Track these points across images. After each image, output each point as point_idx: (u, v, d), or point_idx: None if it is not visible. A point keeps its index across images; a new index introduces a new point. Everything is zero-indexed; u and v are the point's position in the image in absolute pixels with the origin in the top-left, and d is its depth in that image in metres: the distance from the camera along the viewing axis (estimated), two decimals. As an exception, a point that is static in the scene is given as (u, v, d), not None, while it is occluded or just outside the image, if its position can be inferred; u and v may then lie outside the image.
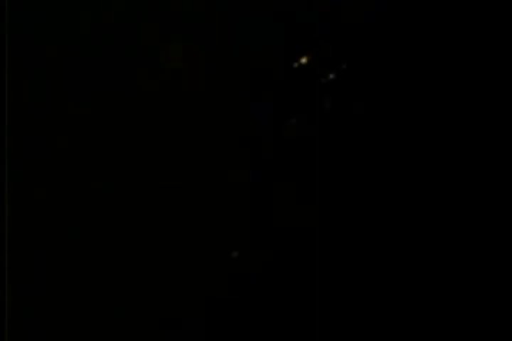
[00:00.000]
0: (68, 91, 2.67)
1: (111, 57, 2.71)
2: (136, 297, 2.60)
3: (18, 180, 2.57)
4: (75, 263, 2.58)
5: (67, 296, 2.56)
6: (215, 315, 2.63)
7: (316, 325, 2.65)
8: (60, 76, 2.66)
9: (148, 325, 2.60)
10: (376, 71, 2.69)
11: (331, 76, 2.66)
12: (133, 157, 2.69)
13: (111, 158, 2.64)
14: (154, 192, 2.64)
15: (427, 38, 2.72)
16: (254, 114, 2.62)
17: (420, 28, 2.70)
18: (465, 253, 2.64)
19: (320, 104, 2.62)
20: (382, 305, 2.65)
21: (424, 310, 2.66)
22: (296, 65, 2.63)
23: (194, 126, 2.64)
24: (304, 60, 2.64)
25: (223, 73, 2.64)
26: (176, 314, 2.61)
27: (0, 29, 2.50)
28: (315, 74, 2.64)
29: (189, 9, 2.63)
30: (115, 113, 2.73)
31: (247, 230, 2.65)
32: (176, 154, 2.68)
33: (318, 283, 2.67)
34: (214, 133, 2.65)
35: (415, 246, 2.67)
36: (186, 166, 2.67)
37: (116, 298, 2.59)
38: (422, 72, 2.69)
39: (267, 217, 2.65)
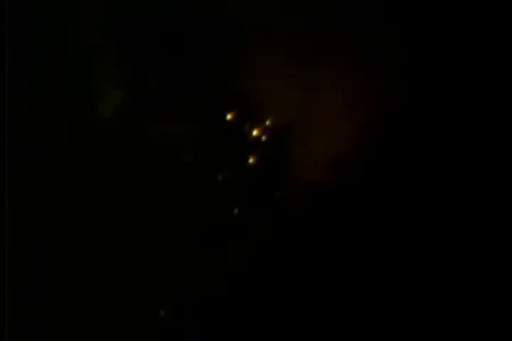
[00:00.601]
0: (68, 91, 2.67)
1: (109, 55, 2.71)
2: (136, 297, 2.60)
3: (18, 181, 2.57)
4: (74, 263, 2.58)
5: (67, 296, 2.56)
6: (214, 315, 2.63)
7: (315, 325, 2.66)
8: (60, 75, 2.66)
9: (148, 325, 2.60)
10: None
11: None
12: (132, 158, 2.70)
13: (110, 158, 2.64)
14: (153, 192, 2.64)
15: None
16: None
17: None
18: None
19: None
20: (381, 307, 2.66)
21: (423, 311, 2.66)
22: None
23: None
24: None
25: None
26: (175, 314, 2.61)
27: (0, 29, 2.50)
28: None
29: None
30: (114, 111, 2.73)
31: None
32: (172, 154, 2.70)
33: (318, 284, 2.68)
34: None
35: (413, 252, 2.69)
36: (183, 169, 2.68)
37: (115, 298, 2.59)
38: None
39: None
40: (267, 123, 2.74)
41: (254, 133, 2.72)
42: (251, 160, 2.70)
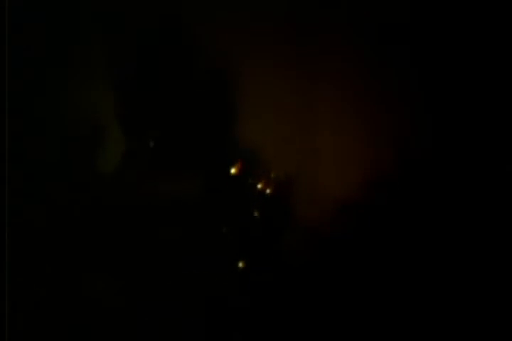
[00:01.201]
0: (68, 90, 2.66)
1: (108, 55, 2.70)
2: (136, 299, 2.59)
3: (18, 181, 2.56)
4: (75, 265, 2.57)
5: (68, 298, 2.55)
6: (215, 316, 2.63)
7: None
8: (60, 75, 2.65)
9: (148, 326, 2.59)
10: None
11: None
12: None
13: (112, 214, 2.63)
14: (156, 245, 2.63)
15: None
16: None
17: None
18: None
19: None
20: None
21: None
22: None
23: None
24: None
25: None
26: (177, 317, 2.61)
27: (0, 29, 2.48)
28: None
29: None
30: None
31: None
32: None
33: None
34: None
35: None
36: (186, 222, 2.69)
37: (115, 299, 2.58)
38: None
39: None
40: (270, 175, 2.75)
41: (258, 185, 2.74)
42: (254, 212, 2.72)
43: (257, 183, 2.75)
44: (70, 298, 2.52)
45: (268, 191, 2.74)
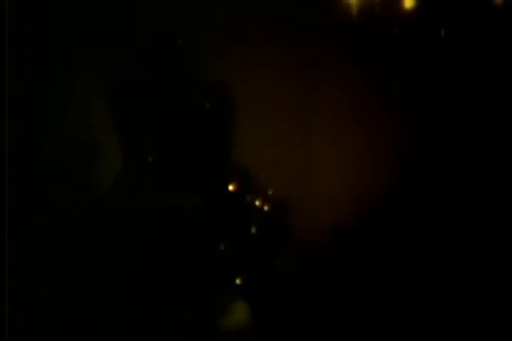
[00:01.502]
0: (68, 90, 2.67)
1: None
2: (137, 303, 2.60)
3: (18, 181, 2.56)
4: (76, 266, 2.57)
5: (68, 298, 2.55)
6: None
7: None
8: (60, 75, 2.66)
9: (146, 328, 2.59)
10: None
11: None
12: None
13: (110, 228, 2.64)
14: (153, 261, 2.63)
15: None
16: None
17: None
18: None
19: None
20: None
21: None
22: None
23: None
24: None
25: None
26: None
27: (0, 29, 2.49)
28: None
29: None
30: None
31: None
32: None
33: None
34: None
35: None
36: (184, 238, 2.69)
37: (116, 302, 2.58)
38: None
39: None
40: (266, 193, 2.75)
41: (255, 203, 2.75)
42: (251, 230, 2.72)
43: (255, 200, 2.75)
44: (69, 299, 2.51)
45: (266, 208, 2.75)
